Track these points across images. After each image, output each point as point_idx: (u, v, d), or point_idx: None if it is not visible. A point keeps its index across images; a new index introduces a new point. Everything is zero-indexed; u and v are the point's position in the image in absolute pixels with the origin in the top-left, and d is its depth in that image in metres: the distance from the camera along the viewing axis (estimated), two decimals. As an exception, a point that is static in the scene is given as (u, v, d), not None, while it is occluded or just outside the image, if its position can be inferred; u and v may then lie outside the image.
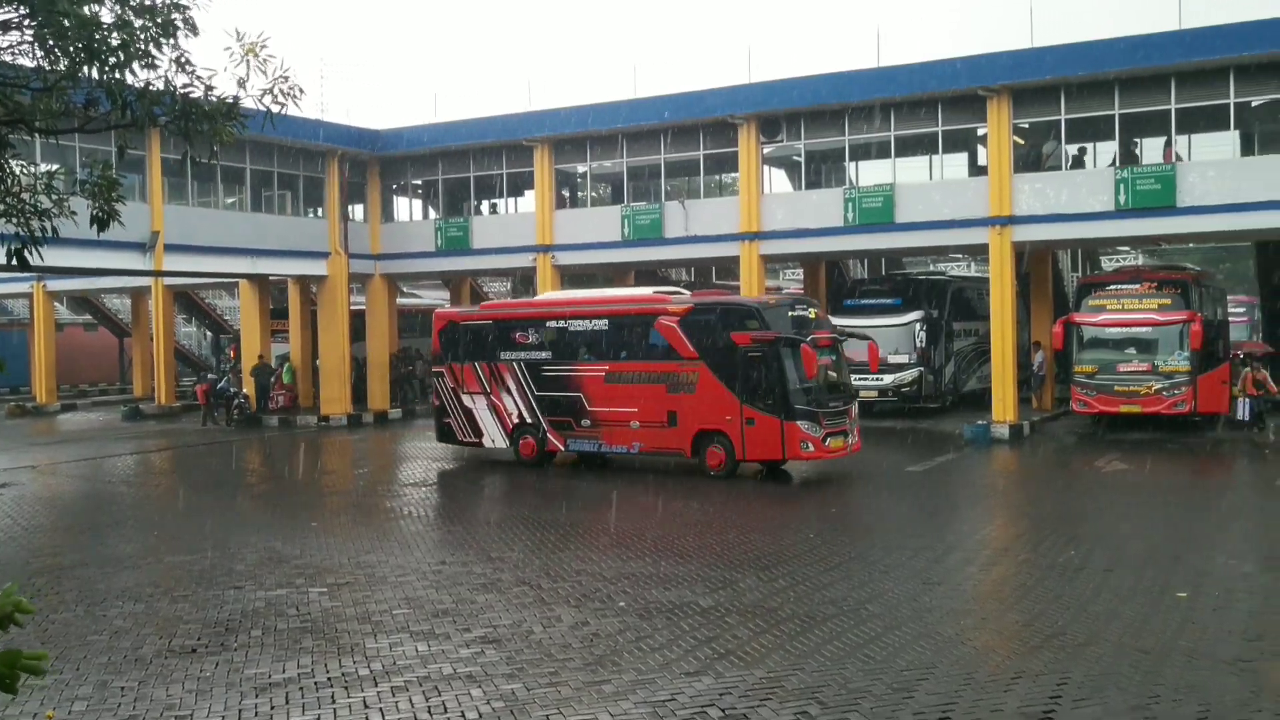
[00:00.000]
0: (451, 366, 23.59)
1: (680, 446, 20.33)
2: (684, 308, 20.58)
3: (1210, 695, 8.19)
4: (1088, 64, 25.28)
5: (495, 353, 22.77)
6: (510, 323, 23.02)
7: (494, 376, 22.73)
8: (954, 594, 11.56)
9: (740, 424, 19.44)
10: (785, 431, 19.01)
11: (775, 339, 19.23)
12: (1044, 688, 8.40)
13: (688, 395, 20.01)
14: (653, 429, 20.54)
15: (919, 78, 27.11)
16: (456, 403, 23.46)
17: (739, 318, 19.96)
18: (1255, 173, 24.69)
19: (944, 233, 27.92)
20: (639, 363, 20.87)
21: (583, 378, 21.46)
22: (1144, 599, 11.20)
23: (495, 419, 22.82)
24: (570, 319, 22.02)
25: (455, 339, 23.68)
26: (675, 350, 20.27)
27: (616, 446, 21.14)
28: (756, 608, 11.05)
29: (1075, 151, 28.59)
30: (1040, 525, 15.67)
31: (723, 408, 19.58)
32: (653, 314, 20.82)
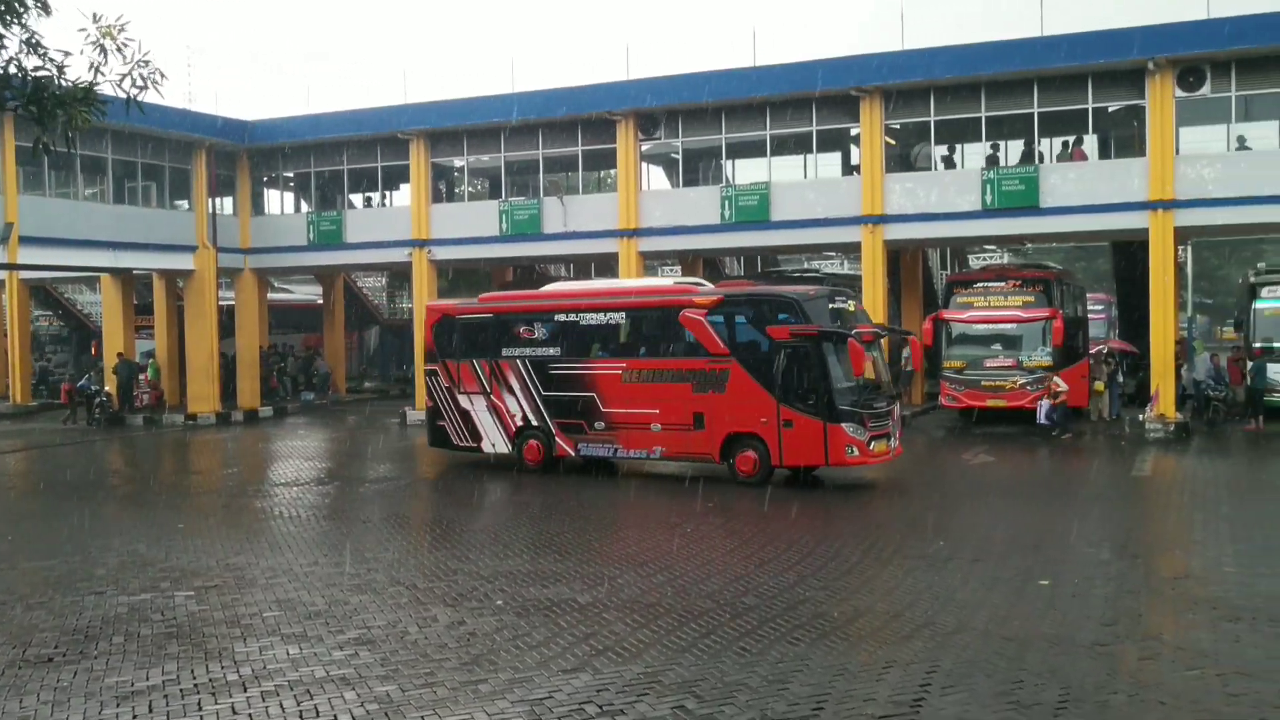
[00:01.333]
0: (446, 364, 21.77)
1: (707, 451, 18.88)
2: (712, 299, 19.12)
3: (1071, 678, 8.47)
4: (956, 67, 26.01)
5: (496, 349, 21.10)
6: (514, 316, 21.30)
7: (495, 375, 21.02)
8: (828, 586, 11.74)
9: (777, 426, 18.03)
10: (828, 434, 17.62)
11: (818, 333, 17.82)
12: (914, 676, 8.59)
13: (717, 395, 18.59)
14: (676, 432, 19.03)
15: (794, 78, 27.53)
16: (452, 404, 21.66)
17: (776, 310, 18.49)
18: (1111, 176, 25.70)
19: (818, 231, 28.45)
20: (661, 360, 19.45)
21: (596, 376, 19.89)
22: (1009, 587, 11.55)
23: (496, 421, 21.07)
24: (583, 312, 20.44)
25: (450, 334, 21.93)
26: (703, 346, 18.87)
27: (635, 451, 19.60)
28: (634, 603, 11.07)
29: (945, 152, 29.40)
30: (910, 517, 16.03)
31: (757, 408, 18.18)
32: (676, 306, 19.31)
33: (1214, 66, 24.44)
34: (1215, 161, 25.09)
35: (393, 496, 19.37)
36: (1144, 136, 25.36)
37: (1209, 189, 24.68)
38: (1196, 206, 24.81)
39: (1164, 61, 24.43)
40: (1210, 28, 24.24)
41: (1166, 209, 24.73)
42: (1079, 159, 26.85)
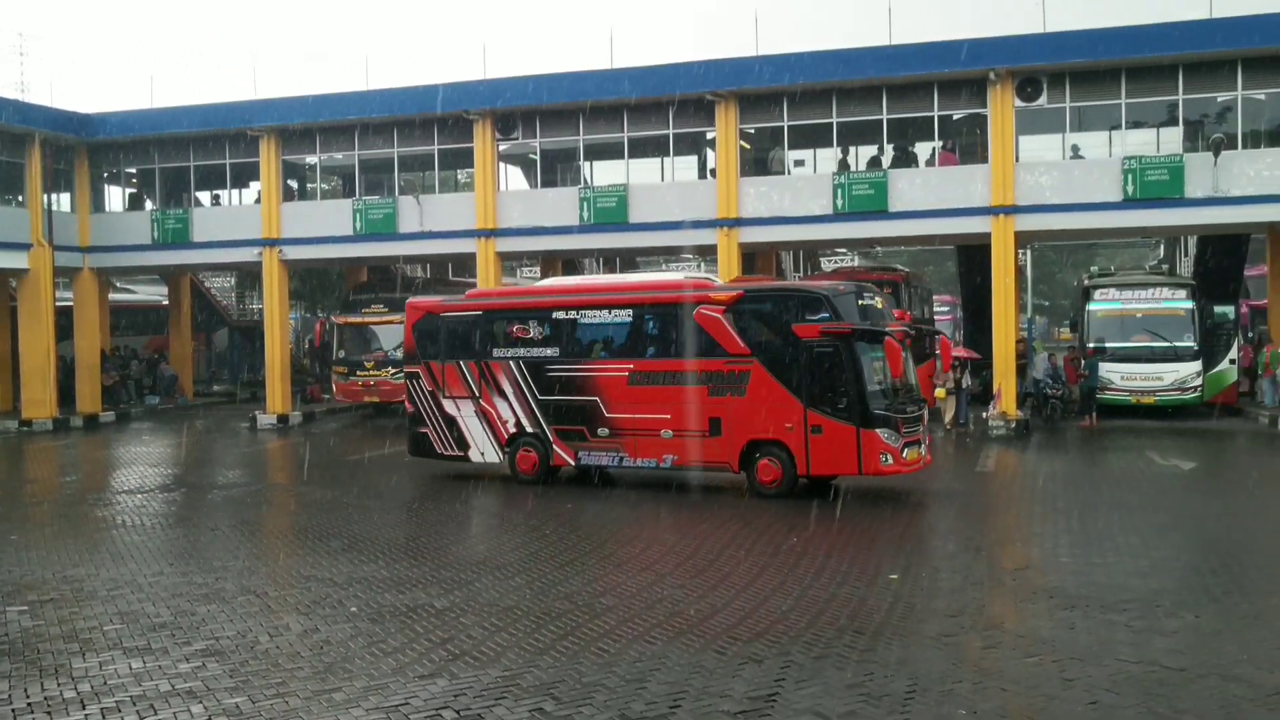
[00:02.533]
0: (429, 366, 20.12)
1: (725, 459, 17.54)
2: (731, 295, 17.84)
3: (919, 669, 8.74)
4: (808, 74, 26.57)
5: (486, 349, 19.63)
6: (506, 314, 19.85)
7: (485, 378, 19.50)
8: (684, 584, 11.86)
9: (803, 432, 16.78)
10: (862, 441, 16.41)
11: (852, 331, 16.62)
12: (769, 671, 8.74)
13: (736, 398, 17.31)
14: (690, 439, 17.68)
15: (651, 81, 27.74)
16: (435, 409, 20.03)
17: (803, 307, 17.15)
18: (955, 181, 26.61)
19: (676, 233, 28.69)
20: (673, 360, 18.02)
21: (599, 379, 18.50)
22: (859, 581, 11.85)
23: (486, 428, 19.52)
24: (584, 309, 19.01)
25: (434, 334, 20.30)
26: (720, 345, 17.48)
27: (643, 460, 18.17)
28: (492, 606, 11.00)
29: (798, 157, 30.02)
30: (767, 512, 16.30)
31: (781, 413, 16.93)
32: (691, 303, 17.87)
33: (1050, 78, 25.54)
34: (1052, 169, 26.21)
35: (243, 503, 18.81)
36: (986, 144, 26.33)
37: (1046, 195, 25.77)
38: (1035, 212, 25.87)
39: (1004, 72, 25.42)
40: (1047, 41, 25.33)
41: (1007, 214, 25.73)
42: (947, 162, 27.69)
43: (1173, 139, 27.05)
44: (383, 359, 32.00)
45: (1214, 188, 24.56)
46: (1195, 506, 16.86)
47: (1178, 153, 25.51)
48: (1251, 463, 21.44)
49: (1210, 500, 17.49)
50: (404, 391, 28.99)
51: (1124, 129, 26.79)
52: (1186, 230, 31.68)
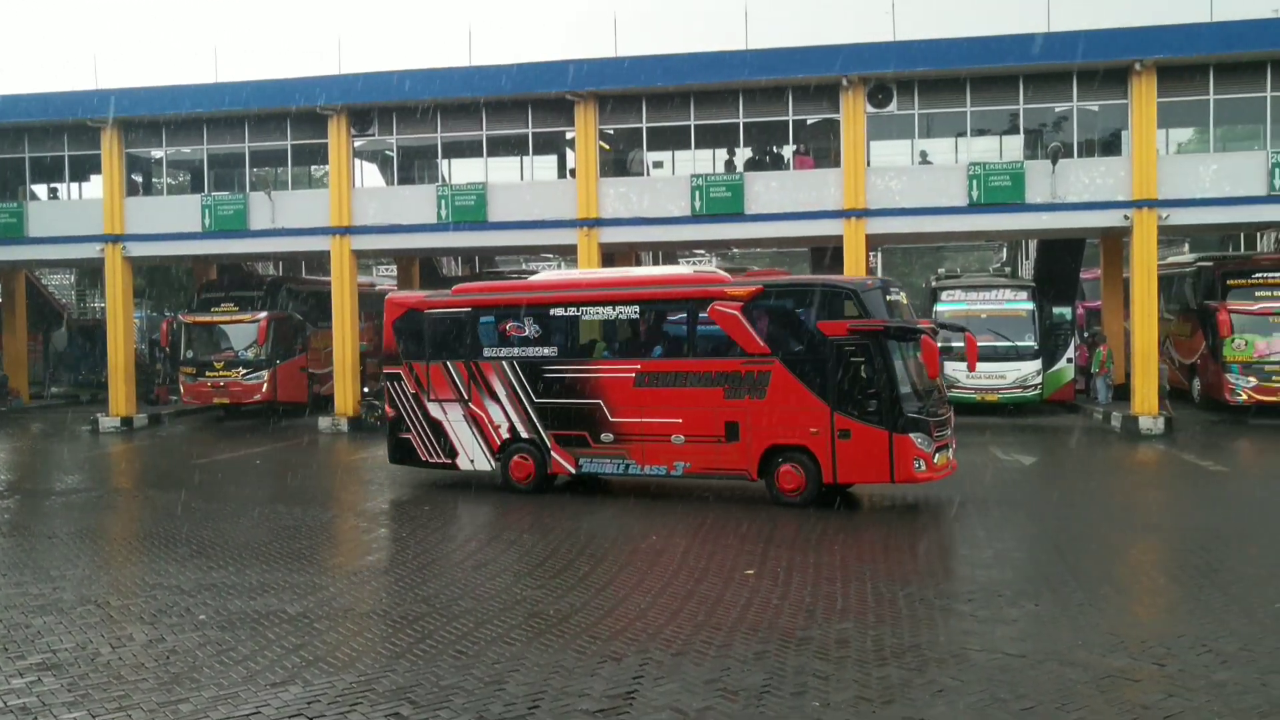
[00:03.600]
0: (412, 367, 18.80)
1: (743, 466, 16.55)
2: (750, 289, 16.76)
3: (773, 664, 8.91)
4: (667, 76, 26.79)
5: (476, 349, 18.39)
6: (499, 310, 18.58)
7: (474, 379, 18.27)
8: (544, 584, 11.84)
9: (830, 437, 15.81)
10: (895, 446, 15.46)
11: (884, 329, 15.65)
12: (628, 669, 8.80)
13: (755, 401, 16.29)
14: (704, 444, 16.66)
15: (510, 79, 27.60)
16: (419, 413, 18.75)
17: (830, 302, 16.21)
18: (810, 185, 27.18)
19: (535, 233, 28.65)
20: (685, 360, 17.00)
21: (603, 380, 17.37)
22: (716, 578, 12.01)
23: (476, 433, 18.30)
24: (586, 305, 17.88)
25: (418, 332, 18.95)
26: (737, 344, 16.47)
27: (652, 467, 17.10)
28: (347, 611, 10.81)
29: (657, 158, 30.28)
30: (628, 511, 16.39)
31: (805, 416, 15.95)
32: (704, 298, 16.86)
33: (900, 85, 26.30)
34: (902, 174, 26.98)
35: (83, 509, 18.06)
36: (839, 148, 26.96)
37: (896, 199, 26.53)
38: (886, 215, 26.60)
39: (856, 79, 26.07)
40: (897, 49, 26.05)
41: (859, 217, 26.39)
42: (803, 166, 28.19)
43: (1015, 147, 28.12)
44: (233, 359, 31.09)
45: (1052, 194, 25.64)
46: (1035, 499, 17.56)
47: (1019, 160, 26.54)
48: (1087, 457, 22.44)
49: (1049, 493, 18.24)
50: (253, 393, 28.30)
51: (969, 136, 27.82)
52: (1027, 234, 32.99)
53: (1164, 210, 25.30)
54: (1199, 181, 25.47)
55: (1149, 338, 26.05)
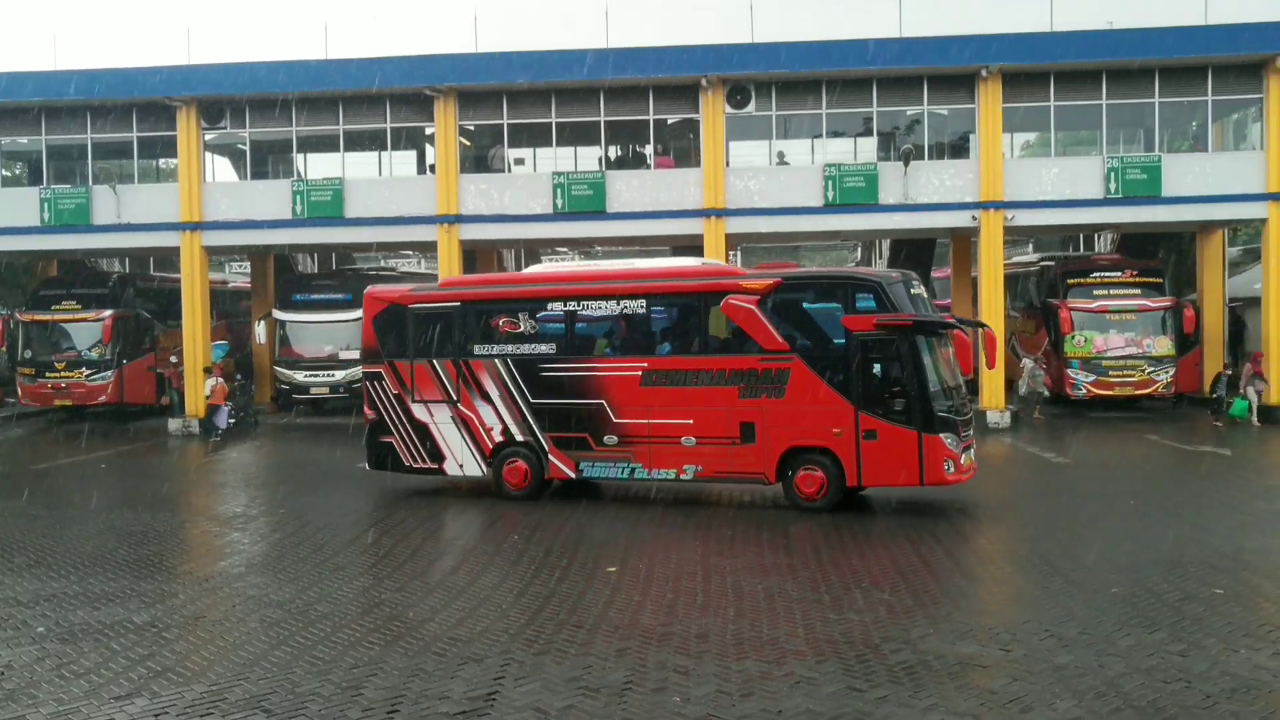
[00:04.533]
0: (395, 366, 17.60)
1: (759, 469, 15.75)
2: (767, 283, 15.83)
3: (635, 660, 8.95)
4: (529, 72, 26.69)
5: (466, 346, 17.26)
6: (491, 305, 17.51)
7: (464, 379, 17.17)
8: (405, 587, 11.67)
9: (854, 438, 15.12)
10: (924, 447, 14.85)
11: (913, 324, 15.07)
12: (489, 669, 8.73)
13: (772, 400, 15.51)
14: (718, 446, 15.86)
15: (366, 73, 27.14)
16: (402, 416, 17.58)
17: (853, 296, 15.48)
18: (671, 184, 27.41)
19: (394, 229, 28.25)
20: (696, 358, 16.19)
21: (607, 379, 16.45)
22: (579, 576, 12.01)
23: (467, 437, 17.23)
24: (588, 300, 16.86)
25: (401, 328, 17.73)
26: (754, 340, 15.66)
27: (659, 470, 16.23)
28: (198, 619, 10.47)
29: (519, 155, 30.15)
30: (487, 512, 16.23)
31: (827, 416, 15.26)
32: (718, 291, 16.00)
33: (758, 87, 26.72)
34: (760, 174, 27.41)
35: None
36: (700, 148, 27.25)
37: (755, 199, 26.94)
38: (745, 215, 27.00)
39: (716, 80, 26.38)
40: (755, 51, 26.47)
41: (719, 216, 26.71)
42: (664, 165, 28.37)
43: (869, 149, 28.86)
44: (76, 359, 29.81)
45: (904, 195, 26.39)
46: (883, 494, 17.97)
47: (872, 162, 27.22)
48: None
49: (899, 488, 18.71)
50: (97, 395, 27.10)
51: (825, 138, 28.43)
52: (881, 234, 33.85)
53: (1009, 211, 26.27)
54: (1041, 184, 26.52)
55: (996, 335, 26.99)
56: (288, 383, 30.28)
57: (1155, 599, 10.68)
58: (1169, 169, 25.97)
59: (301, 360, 29.96)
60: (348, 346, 29.31)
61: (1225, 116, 28.37)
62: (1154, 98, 26.19)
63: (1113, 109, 26.53)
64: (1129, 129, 29.96)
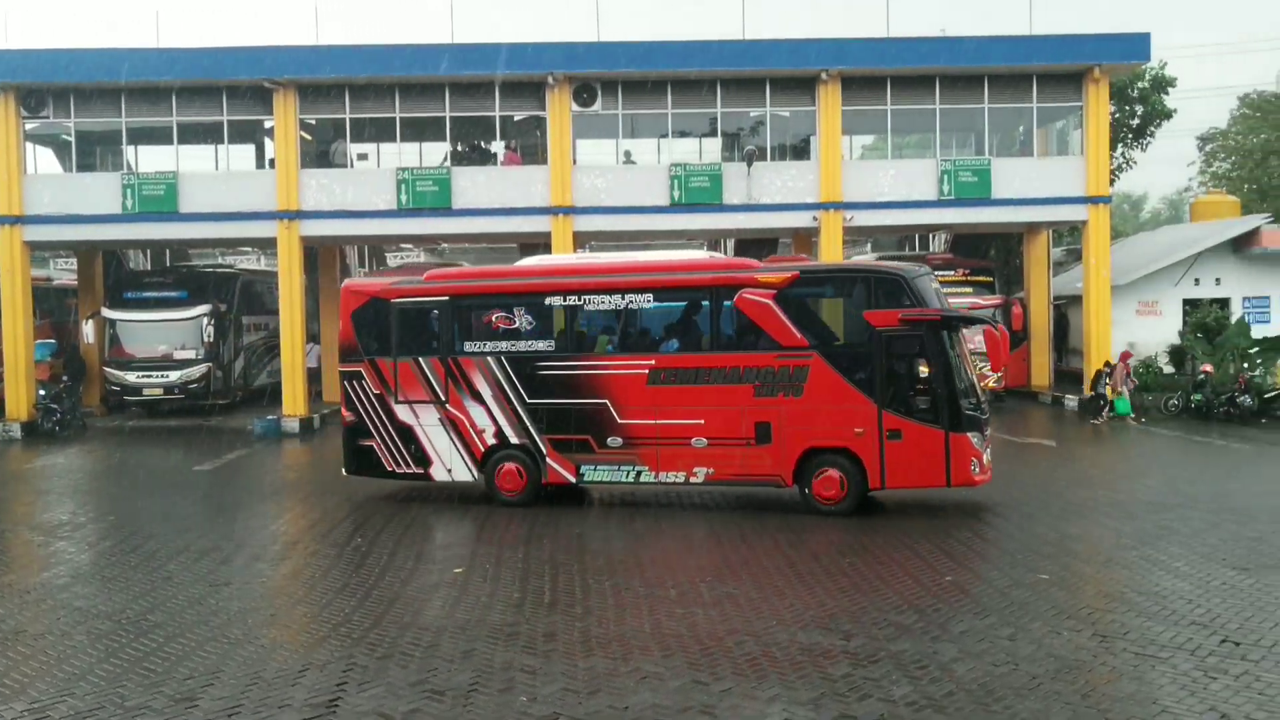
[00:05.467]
0: (377, 364, 16.62)
1: (775, 471, 15.15)
2: (784, 276, 15.18)
3: (482, 660, 8.89)
4: (371, 67, 26.24)
5: (454, 343, 16.35)
6: (483, 300, 16.60)
7: (453, 377, 16.27)
8: (242, 594, 11.34)
9: (878, 438, 14.64)
10: (951, 447, 14.46)
11: (941, 319, 14.68)
12: (331, 676, 8.55)
13: (790, 399, 14.91)
14: (731, 447, 15.21)
15: (202, 63, 26.30)
16: (384, 417, 16.62)
17: (876, 290, 14.90)
18: (517, 181, 27.28)
19: (232, 225, 27.42)
20: (708, 355, 15.48)
21: (611, 378, 15.70)
22: (425, 577, 11.86)
23: (455, 439, 16.36)
24: (590, 294, 15.99)
25: (382, 324, 16.70)
26: (770, 335, 15.03)
27: (667, 473, 15.51)
28: (18, 634, 9.95)
29: (362, 150, 29.59)
30: (330, 516, 15.90)
31: (849, 415, 14.73)
32: (731, 285, 15.31)
33: (604, 85, 26.79)
34: (607, 172, 27.50)
35: None
36: (546, 146, 27.19)
37: (602, 197, 27.02)
38: (592, 213, 27.05)
39: (562, 77, 26.36)
40: (600, 50, 26.52)
41: (566, 214, 26.71)
42: (513, 162, 28.15)
43: (714, 149, 29.27)
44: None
45: (748, 195, 26.84)
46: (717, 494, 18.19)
47: (717, 162, 27.62)
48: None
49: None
50: None
51: (671, 137, 28.70)
52: (725, 234, 34.37)
53: (849, 212, 26.96)
54: (879, 185, 27.32)
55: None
56: (119, 384, 29.02)
57: (986, 585, 11.13)
58: (998, 172, 27.07)
59: (134, 361, 28.77)
60: (183, 346, 28.41)
61: (1050, 123, 29.69)
62: (984, 104, 27.24)
63: (946, 114, 27.48)
64: (961, 133, 31.09)
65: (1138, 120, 35.27)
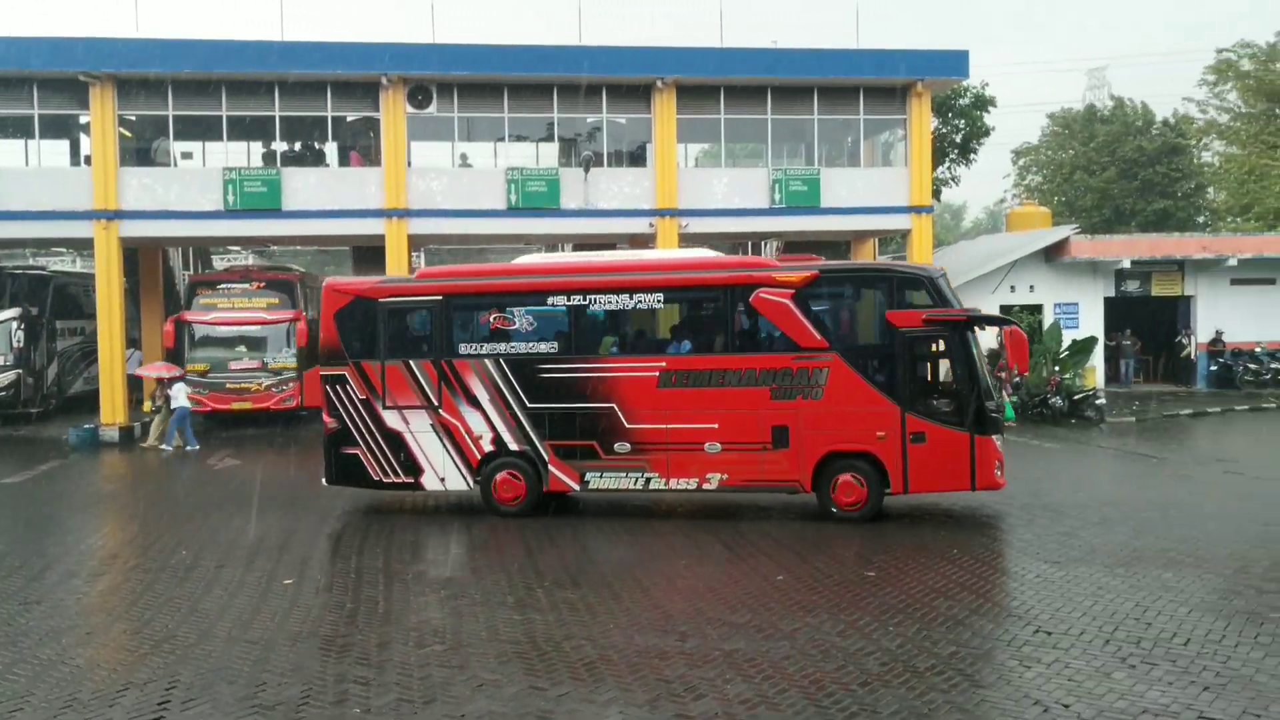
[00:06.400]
0: (361, 367, 15.73)
1: (793, 476, 14.72)
2: (802, 276, 14.72)
3: (313, 673, 8.68)
4: (196, 63, 25.33)
5: (448, 345, 15.56)
6: (480, 299, 15.88)
7: (447, 381, 15.49)
8: (56, 611, 10.79)
9: (900, 441, 14.30)
10: (976, 450, 14.17)
11: (967, 320, 14.44)
12: (153, 694, 8.23)
13: (809, 402, 14.48)
14: (746, 452, 14.72)
15: (11, 54, 24.96)
16: (371, 423, 15.75)
17: (898, 290, 14.63)
18: (350, 183, 26.78)
19: (44, 224, 26.13)
20: (722, 356, 14.96)
21: (618, 381, 15.04)
22: (254, 590, 11.50)
23: (449, 446, 15.58)
24: (595, 293, 15.26)
25: (368, 325, 15.81)
26: (788, 337, 14.63)
27: (679, 480, 14.96)
28: None
29: (186, 148, 28.58)
30: (152, 528, 15.28)
31: (870, 418, 14.38)
32: (747, 284, 14.84)
33: (440, 88, 26.51)
34: (443, 175, 27.22)
35: None
36: (381, 147, 26.74)
37: (438, 200, 26.73)
38: (427, 216, 26.72)
39: (396, 79, 25.98)
40: (436, 52, 26.24)
41: (401, 217, 26.32)
42: (357, 164, 27.52)
43: (551, 154, 29.25)
44: None
45: (585, 201, 26.95)
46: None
47: (554, 167, 27.63)
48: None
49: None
50: None
51: (508, 141, 28.57)
52: (563, 238, 34.32)
53: (684, 219, 27.32)
54: (713, 193, 27.77)
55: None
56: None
57: (816, 583, 11.43)
58: (827, 182, 27.84)
59: None
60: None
61: (876, 135, 30.69)
62: (813, 115, 27.98)
63: (777, 124, 28.13)
64: (793, 143, 31.85)
65: (961, 136, 36.75)
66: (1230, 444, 23.29)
